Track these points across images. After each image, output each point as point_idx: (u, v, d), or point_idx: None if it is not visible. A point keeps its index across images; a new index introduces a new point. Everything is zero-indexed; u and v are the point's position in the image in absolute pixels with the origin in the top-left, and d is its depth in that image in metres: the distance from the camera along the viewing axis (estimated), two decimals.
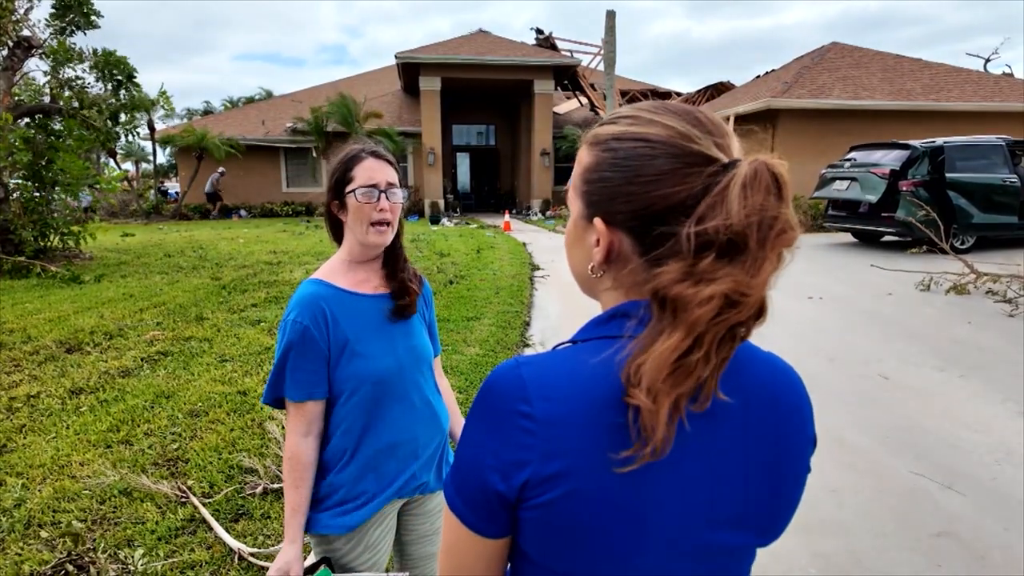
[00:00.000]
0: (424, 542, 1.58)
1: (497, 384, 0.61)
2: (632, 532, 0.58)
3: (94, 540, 2.51)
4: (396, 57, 19.74)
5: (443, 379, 1.66)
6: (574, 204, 0.70)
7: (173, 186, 27.00)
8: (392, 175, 1.41)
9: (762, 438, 0.63)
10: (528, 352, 5.07)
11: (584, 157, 0.68)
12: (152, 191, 22.45)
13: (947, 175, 9.14)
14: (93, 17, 11.01)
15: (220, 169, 20.07)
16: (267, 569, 2.36)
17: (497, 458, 0.59)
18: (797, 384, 0.69)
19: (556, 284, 8.01)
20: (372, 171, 1.38)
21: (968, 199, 9.19)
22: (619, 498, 0.57)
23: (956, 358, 4.70)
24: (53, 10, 10.70)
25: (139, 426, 3.59)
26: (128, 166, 32.44)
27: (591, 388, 0.58)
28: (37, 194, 9.62)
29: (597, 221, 0.64)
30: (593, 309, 0.71)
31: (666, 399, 0.54)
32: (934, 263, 7.37)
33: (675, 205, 0.59)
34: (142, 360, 4.78)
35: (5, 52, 10.12)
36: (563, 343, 0.66)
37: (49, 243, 9.91)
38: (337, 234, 1.48)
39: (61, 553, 2.40)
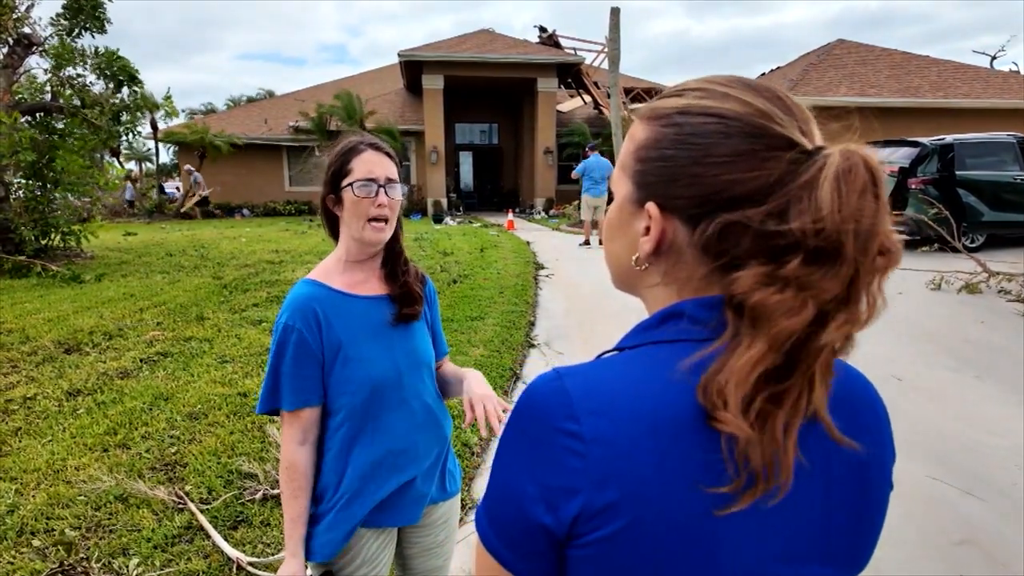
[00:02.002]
0: (427, 555, 1.51)
1: (536, 399, 0.53)
2: (702, 570, 0.49)
3: (88, 549, 2.43)
4: (399, 55, 19.67)
5: (446, 364, 1.57)
6: (621, 186, 0.60)
7: (171, 184, 26.95)
8: (392, 169, 1.33)
9: (844, 456, 0.55)
10: (533, 354, 4.98)
11: (639, 133, 0.59)
12: (154, 190, 22.42)
13: (957, 172, 9.03)
14: (104, 22, 10.98)
15: (187, 167, 19.81)
16: None
17: (540, 486, 0.50)
18: (873, 392, 0.60)
19: (561, 283, 7.93)
20: (371, 164, 1.30)
21: (978, 197, 9.07)
22: (689, 531, 0.48)
23: (970, 359, 4.61)
24: (63, 9, 10.63)
25: (137, 429, 3.52)
26: (132, 165, 32.48)
27: (652, 402, 0.49)
28: (38, 193, 9.58)
29: (651, 206, 0.56)
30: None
31: (776, 425, 0.46)
32: (944, 262, 7.25)
33: (748, 194, 0.51)
34: (141, 361, 4.71)
35: (5, 50, 10.07)
36: (608, 351, 0.57)
37: (50, 242, 9.86)
38: (334, 231, 1.40)
39: (53, 563, 2.33)
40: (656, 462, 0.48)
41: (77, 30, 10.73)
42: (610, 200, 0.65)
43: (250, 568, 2.32)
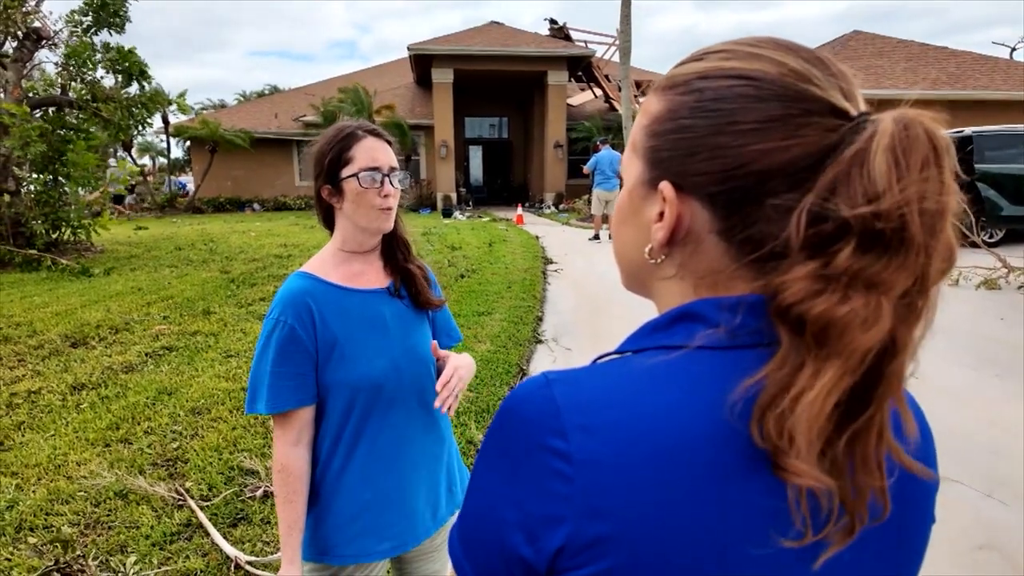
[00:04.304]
0: (425, 560, 1.45)
1: (520, 409, 0.45)
2: None
3: (85, 546, 2.40)
4: (409, 49, 19.59)
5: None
6: (632, 167, 0.52)
7: (185, 178, 27.05)
8: (393, 157, 1.27)
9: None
10: (540, 350, 4.91)
11: (652, 105, 0.51)
12: (165, 185, 22.55)
13: (976, 165, 8.84)
14: (125, 21, 11.01)
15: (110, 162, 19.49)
16: None
17: (521, 512, 0.43)
18: (918, 412, 0.52)
19: (569, 278, 7.85)
20: (374, 152, 1.23)
21: (998, 190, 8.87)
22: None
23: (990, 357, 4.48)
24: (84, 5, 10.62)
25: (139, 424, 3.49)
26: (145, 161, 32.71)
27: (661, 422, 0.42)
28: (49, 187, 9.61)
29: (664, 186, 0.47)
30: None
31: (860, 466, 0.40)
32: (962, 257, 7.06)
33: (781, 167, 0.43)
34: (146, 355, 4.70)
35: (15, 44, 10.09)
36: (607, 354, 0.49)
37: (61, 236, 9.91)
38: (329, 221, 1.33)
39: (49, 560, 2.29)
40: (662, 495, 0.40)
41: (95, 28, 10.71)
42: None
43: (248, 567, 2.27)
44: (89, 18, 10.66)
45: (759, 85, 0.44)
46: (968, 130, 9.18)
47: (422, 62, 20.17)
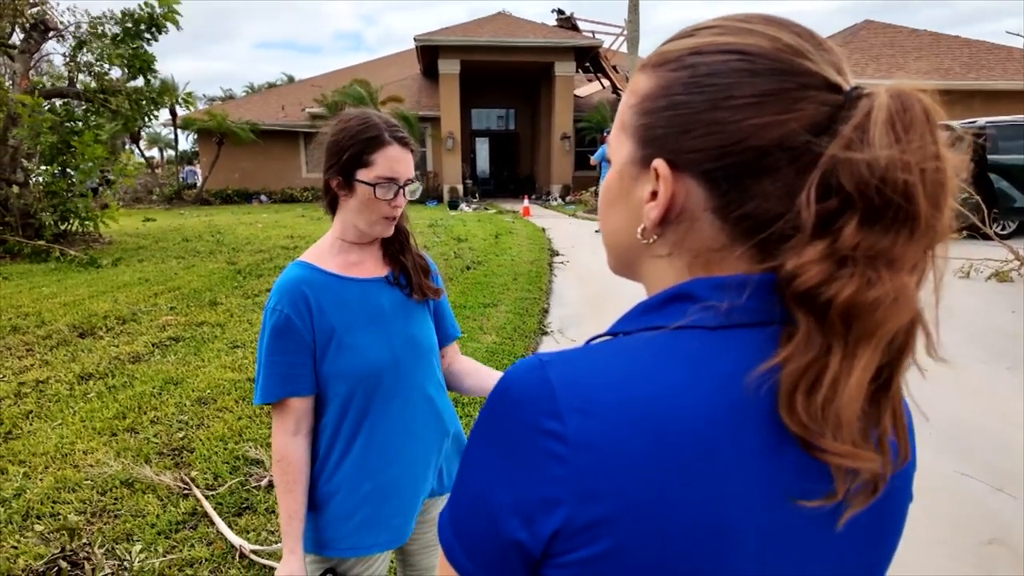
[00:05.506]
0: (428, 552, 1.44)
1: (514, 391, 0.44)
2: None
3: (92, 534, 2.41)
4: (415, 40, 19.52)
5: (464, 359, 1.50)
6: (621, 147, 0.51)
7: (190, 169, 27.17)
8: (411, 166, 1.23)
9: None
10: (546, 341, 4.90)
11: (641, 83, 0.49)
12: (174, 177, 22.63)
13: (988, 157, 8.73)
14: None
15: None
16: (269, 568, 2.25)
17: (515, 495, 0.42)
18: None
19: (575, 270, 7.83)
20: (395, 162, 1.18)
21: (1010, 182, 8.76)
22: (690, 564, 0.40)
23: (1001, 349, 4.43)
24: (123, 14, 10.02)
25: (146, 413, 3.51)
26: (153, 153, 32.91)
27: (659, 403, 0.41)
28: (58, 177, 9.65)
29: (659, 163, 0.46)
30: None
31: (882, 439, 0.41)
32: (974, 249, 7.01)
33: (778, 141, 0.42)
34: (153, 345, 4.72)
35: (23, 35, 10.10)
36: (599, 336, 0.48)
37: (69, 227, 9.95)
38: (333, 207, 1.30)
39: (56, 548, 2.31)
40: (659, 478, 0.39)
41: (124, 39, 10.16)
42: None
43: (252, 556, 2.28)
44: (123, 28, 10.07)
45: (754, 59, 0.44)
46: (981, 120, 9.07)
47: (428, 53, 20.10)
